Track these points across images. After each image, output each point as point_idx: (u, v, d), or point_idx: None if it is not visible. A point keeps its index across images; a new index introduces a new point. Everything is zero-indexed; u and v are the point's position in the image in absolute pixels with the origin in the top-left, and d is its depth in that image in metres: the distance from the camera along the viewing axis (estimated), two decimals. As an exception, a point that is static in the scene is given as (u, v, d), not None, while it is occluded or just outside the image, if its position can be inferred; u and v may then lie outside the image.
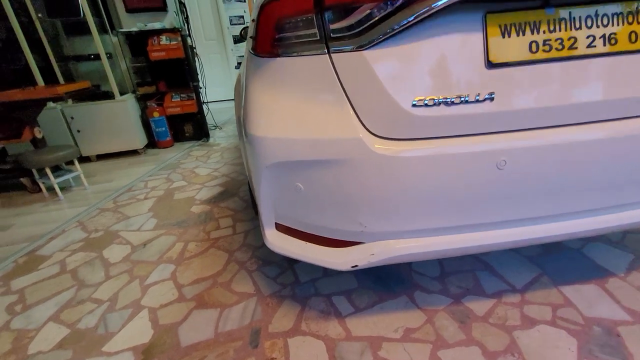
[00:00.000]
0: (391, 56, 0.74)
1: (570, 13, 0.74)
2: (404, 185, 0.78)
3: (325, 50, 0.77)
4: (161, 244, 1.83)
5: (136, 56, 3.55)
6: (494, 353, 1.04)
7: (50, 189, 2.70)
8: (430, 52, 0.74)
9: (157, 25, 3.39)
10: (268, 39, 0.83)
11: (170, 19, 3.56)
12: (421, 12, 0.69)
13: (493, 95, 0.75)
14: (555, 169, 0.78)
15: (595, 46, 0.75)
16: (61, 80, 3.21)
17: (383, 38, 0.73)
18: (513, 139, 0.77)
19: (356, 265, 0.90)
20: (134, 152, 3.61)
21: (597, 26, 0.75)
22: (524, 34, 0.73)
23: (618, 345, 1.03)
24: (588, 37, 0.75)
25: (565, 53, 0.75)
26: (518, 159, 0.77)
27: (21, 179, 2.72)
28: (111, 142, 3.44)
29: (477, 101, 0.75)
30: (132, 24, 3.46)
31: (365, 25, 0.73)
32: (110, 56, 3.41)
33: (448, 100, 0.75)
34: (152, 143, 3.76)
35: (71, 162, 2.73)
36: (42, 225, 2.20)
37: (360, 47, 0.74)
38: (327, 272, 1.47)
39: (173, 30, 3.41)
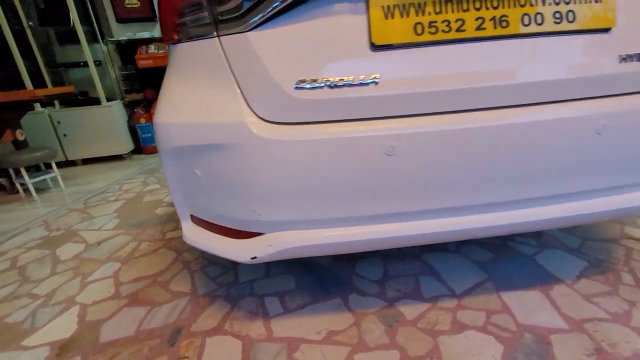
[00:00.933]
0: (274, 38, 0.73)
1: (455, -6, 0.72)
2: (289, 171, 0.75)
3: (215, 33, 0.77)
4: (115, 243, 1.81)
5: (125, 64, 3.65)
6: (413, 358, 0.98)
7: (29, 189, 2.74)
8: (314, 33, 0.72)
9: (146, 35, 3.49)
10: (168, 25, 0.83)
11: (159, 29, 3.67)
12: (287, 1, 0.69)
13: (377, 79, 0.73)
14: (448, 157, 0.75)
15: (484, 29, 0.73)
16: (50, 85, 3.31)
17: (264, 19, 0.72)
18: (401, 124, 0.74)
19: (255, 257, 0.86)
20: (119, 157, 3.66)
21: (487, 8, 0.73)
22: (408, 16, 0.72)
23: (545, 353, 0.96)
24: (477, 19, 0.72)
25: (452, 35, 0.72)
26: (407, 145, 0.74)
27: (0, 180, 2.77)
28: (97, 147, 3.49)
29: (361, 84, 0.73)
30: (123, 33, 3.57)
31: (248, 6, 0.72)
32: (100, 64, 3.52)
33: (331, 83, 0.73)
34: (139, 149, 3.81)
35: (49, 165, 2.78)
36: (9, 223, 2.21)
37: (244, 30, 0.74)
38: (267, 273, 1.43)
39: (161, 40, 3.51)
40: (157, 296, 1.34)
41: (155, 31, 3.62)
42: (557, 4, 0.73)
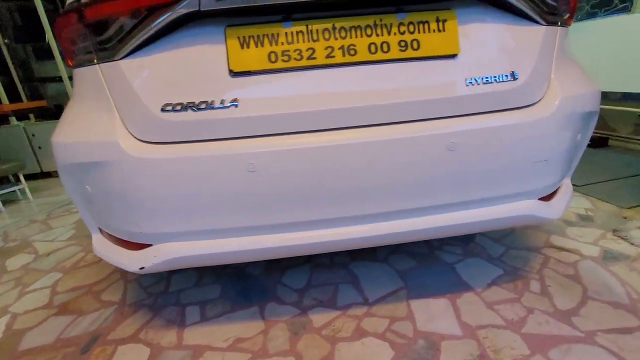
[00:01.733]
0: (143, 65, 0.80)
1: (307, 26, 0.79)
2: (160, 187, 0.81)
3: (96, 61, 0.84)
4: (65, 253, 1.86)
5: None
6: (306, 364, 1.02)
7: (-3, 201, 2.81)
8: (178, 61, 0.79)
9: (121, 50, 3.60)
10: (66, 52, 0.91)
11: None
12: (158, 25, 0.76)
13: (237, 102, 0.79)
14: (305, 173, 0.81)
15: (334, 56, 0.80)
16: (25, 99, 3.40)
17: (133, 48, 0.79)
18: (260, 143, 0.80)
19: (143, 267, 0.92)
20: (95, 169, 3.73)
21: (336, 38, 0.79)
22: (262, 45, 0.78)
23: (432, 358, 1.00)
24: (326, 47, 0.79)
25: (304, 63, 0.79)
26: (266, 163, 0.80)
27: (-30, 192, 2.83)
28: (72, 159, 3.56)
29: (222, 107, 0.79)
30: (99, 48, 3.68)
31: (119, 37, 0.79)
32: (76, 78, 3.61)
33: (194, 106, 0.79)
34: (115, 160, 3.88)
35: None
36: (-30, 235, 2.27)
37: (117, 58, 0.80)
38: (198, 283, 1.48)
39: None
40: (86, 305, 1.39)
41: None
42: (402, 34, 0.80)
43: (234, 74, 0.79)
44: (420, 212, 0.89)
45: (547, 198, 1.03)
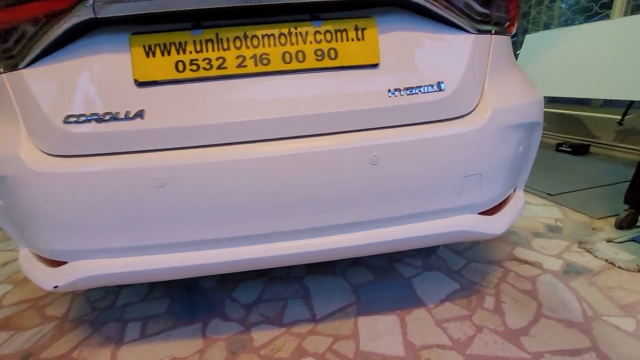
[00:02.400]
0: (45, 74, 0.76)
1: (217, 34, 0.75)
2: (66, 202, 0.77)
3: (1, 70, 0.80)
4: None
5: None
6: (235, 387, 0.97)
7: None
8: (83, 70, 0.75)
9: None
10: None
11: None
12: (57, 33, 0.72)
13: (143, 114, 0.75)
14: (215, 189, 0.76)
15: (246, 66, 0.76)
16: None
17: (35, 57, 0.75)
18: (167, 157, 0.76)
19: (57, 286, 0.87)
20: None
21: (247, 47, 0.76)
22: (169, 54, 0.75)
23: (364, 382, 0.95)
24: (238, 57, 0.75)
25: (214, 72, 0.75)
26: (175, 178, 0.76)
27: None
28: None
29: (127, 118, 0.75)
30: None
31: (20, 45, 0.76)
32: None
33: (99, 117, 0.75)
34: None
35: None
36: None
37: (20, 67, 0.77)
38: (146, 297, 1.43)
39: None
40: (28, 321, 1.34)
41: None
42: (319, 42, 0.76)
43: (139, 83, 0.75)
44: (343, 228, 0.84)
45: (490, 212, 0.99)
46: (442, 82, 0.81)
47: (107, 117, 0.75)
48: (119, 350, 1.14)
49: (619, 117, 2.62)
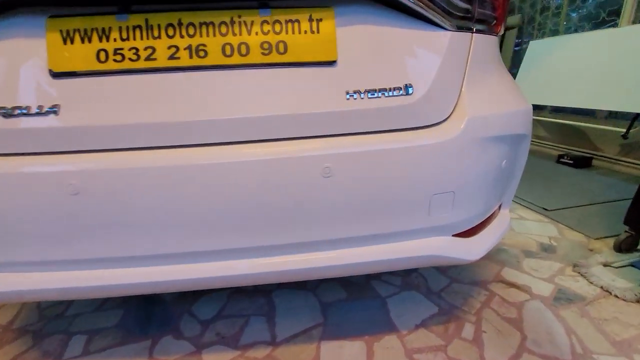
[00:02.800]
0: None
1: (147, 20, 0.64)
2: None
3: None
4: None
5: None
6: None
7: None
8: (-9, 57, 0.65)
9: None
10: None
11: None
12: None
13: (57, 109, 0.65)
14: (138, 199, 0.66)
15: (179, 57, 0.65)
16: None
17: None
18: (85, 160, 0.65)
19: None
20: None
21: (182, 36, 0.65)
22: (90, 41, 0.64)
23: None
24: (170, 47, 0.65)
25: (141, 64, 0.64)
26: (92, 184, 0.65)
27: None
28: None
29: (39, 114, 0.65)
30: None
31: None
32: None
33: (6, 111, 0.65)
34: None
35: None
36: None
37: None
38: (100, 306, 1.32)
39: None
40: (-31, 329, 1.24)
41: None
42: (266, 34, 0.66)
43: (55, 74, 0.64)
44: (290, 249, 0.73)
45: (468, 234, 0.87)
46: (410, 86, 0.70)
47: (15, 112, 0.65)
48: (56, 369, 1.04)
49: (624, 130, 2.49)
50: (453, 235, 0.84)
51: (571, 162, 2.70)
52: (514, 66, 3.37)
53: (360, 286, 1.37)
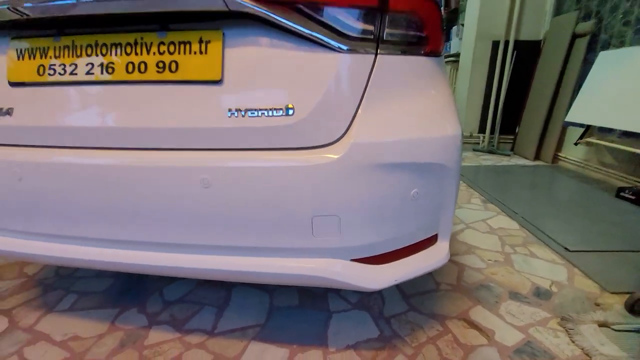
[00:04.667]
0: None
1: (73, 41, 0.77)
2: None
3: None
4: None
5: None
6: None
7: None
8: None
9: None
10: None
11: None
12: None
13: (12, 111, 0.82)
14: (55, 187, 0.79)
15: (93, 73, 0.76)
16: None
17: None
18: (24, 153, 0.81)
19: None
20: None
21: (97, 55, 0.76)
22: (34, 58, 0.79)
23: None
24: (87, 64, 0.77)
25: (67, 78, 0.78)
26: (33, 173, 0.81)
27: None
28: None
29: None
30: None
31: None
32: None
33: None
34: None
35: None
36: None
37: None
38: (100, 274, 1.56)
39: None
40: (8, 273, 1.58)
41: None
42: (162, 54, 0.73)
43: (12, 84, 0.82)
44: (175, 248, 0.80)
45: (373, 261, 0.84)
46: (292, 107, 0.71)
47: (-23, 112, 0.84)
48: (43, 318, 1.28)
49: None
50: (352, 260, 0.82)
51: (632, 197, 2.24)
52: (582, 80, 2.90)
53: (315, 297, 1.37)
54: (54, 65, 0.80)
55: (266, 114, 0.72)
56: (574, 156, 3.31)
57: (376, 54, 0.74)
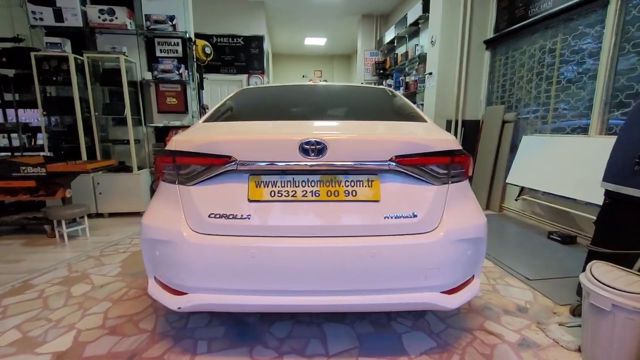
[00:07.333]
0: (201, 190, 1.44)
1: (293, 179, 1.41)
2: (201, 259, 1.40)
3: (177, 183, 1.49)
4: (113, 287, 2.45)
5: (158, 142, 4.67)
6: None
7: (63, 236, 3.52)
8: (222, 190, 1.43)
9: (177, 123, 4.54)
10: (158, 173, 1.58)
11: (189, 119, 4.74)
12: (211, 174, 1.41)
13: (250, 216, 1.40)
14: (282, 262, 1.38)
15: (307, 196, 1.40)
16: (99, 157, 4.31)
17: (197, 182, 1.44)
18: (260, 240, 1.38)
19: (180, 307, 1.47)
20: (138, 214, 4.47)
21: (308, 185, 1.41)
22: (266, 186, 1.41)
23: (357, 398, 1.43)
24: (303, 191, 1.40)
25: (290, 198, 1.40)
26: (263, 251, 1.37)
27: (45, 226, 3.59)
28: (122, 204, 4.34)
29: (242, 217, 1.40)
30: (160, 120, 4.66)
31: (191, 176, 1.45)
32: (139, 142, 4.55)
33: (228, 215, 1.40)
34: (155, 208, 4.63)
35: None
36: (42, 262, 2.93)
37: (189, 184, 1.45)
38: (208, 323, 1.99)
39: (188, 126, 4.53)
40: (129, 330, 1.92)
41: (186, 121, 4.69)
42: (347, 186, 1.41)
43: (250, 200, 1.41)
44: (352, 293, 1.41)
45: (451, 292, 1.52)
46: (416, 213, 1.42)
47: (230, 216, 1.40)
48: (195, 358, 1.69)
49: (593, 217, 3.05)
50: (441, 292, 1.49)
51: (559, 239, 3.26)
52: (514, 152, 4.10)
53: (382, 324, 1.97)
54: (281, 191, 1.41)
55: (404, 216, 1.40)
56: (515, 207, 4.42)
57: (449, 184, 1.49)
